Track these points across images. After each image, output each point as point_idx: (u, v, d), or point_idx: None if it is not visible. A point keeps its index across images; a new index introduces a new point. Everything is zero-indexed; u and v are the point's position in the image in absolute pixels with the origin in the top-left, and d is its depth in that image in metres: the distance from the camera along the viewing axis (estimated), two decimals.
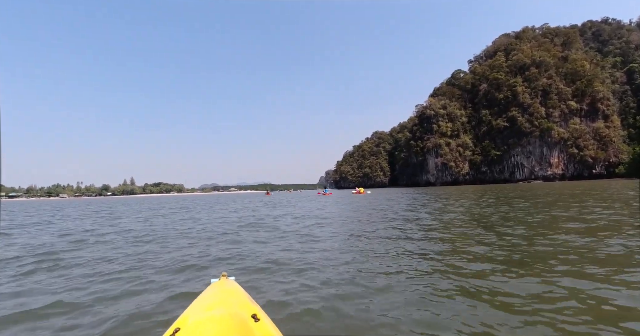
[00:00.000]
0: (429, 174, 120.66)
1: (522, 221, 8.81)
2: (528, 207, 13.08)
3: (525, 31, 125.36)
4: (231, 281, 2.39)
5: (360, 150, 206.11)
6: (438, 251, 5.58)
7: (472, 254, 5.21)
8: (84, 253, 6.57)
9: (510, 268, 4.30)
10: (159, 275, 4.69)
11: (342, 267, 4.77)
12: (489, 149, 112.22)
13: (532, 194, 22.94)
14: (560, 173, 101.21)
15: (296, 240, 7.40)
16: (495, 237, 6.60)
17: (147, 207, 29.61)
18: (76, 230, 10.89)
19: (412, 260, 5.01)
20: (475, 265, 4.58)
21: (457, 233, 7.39)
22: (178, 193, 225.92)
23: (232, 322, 1.52)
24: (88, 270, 5.11)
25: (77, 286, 4.30)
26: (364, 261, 5.12)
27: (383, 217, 11.90)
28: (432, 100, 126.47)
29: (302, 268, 4.79)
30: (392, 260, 5.07)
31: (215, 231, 9.50)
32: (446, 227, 8.35)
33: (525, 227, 7.63)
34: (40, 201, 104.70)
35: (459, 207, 14.49)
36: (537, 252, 5.16)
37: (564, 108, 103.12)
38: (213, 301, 1.91)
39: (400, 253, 5.55)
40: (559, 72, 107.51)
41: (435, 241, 6.51)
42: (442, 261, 4.85)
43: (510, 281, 3.78)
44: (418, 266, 4.63)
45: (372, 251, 5.80)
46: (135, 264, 5.43)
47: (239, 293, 2.09)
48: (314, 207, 19.78)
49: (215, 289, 2.19)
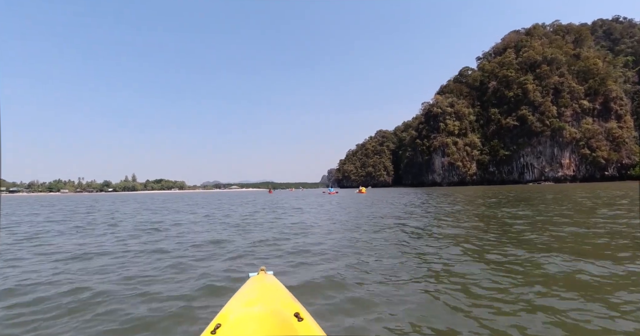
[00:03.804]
0: (435, 174, 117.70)
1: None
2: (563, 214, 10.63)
3: (535, 28, 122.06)
4: (270, 276, 2.34)
5: (363, 149, 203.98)
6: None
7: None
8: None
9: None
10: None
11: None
12: (498, 149, 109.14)
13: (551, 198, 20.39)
14: (572, 174, 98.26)
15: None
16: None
17: (185, 202, 29.49)
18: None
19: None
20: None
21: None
22: (179, 190, 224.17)
23: (274, 320, 1.48)
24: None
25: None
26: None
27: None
28: (439, 98, 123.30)
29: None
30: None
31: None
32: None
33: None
34: (43, 196, 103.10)
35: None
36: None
37: (576, 108, 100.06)
38: (253, 297, 1.90)
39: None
40: (571, 70, 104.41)
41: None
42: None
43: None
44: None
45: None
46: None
47: (279, 289, 2.04)
48: (353, 208, 17.41)
49: (254, 284, 2.14)
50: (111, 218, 13.48)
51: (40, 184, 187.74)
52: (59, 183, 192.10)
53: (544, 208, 12.54)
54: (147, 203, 30.31)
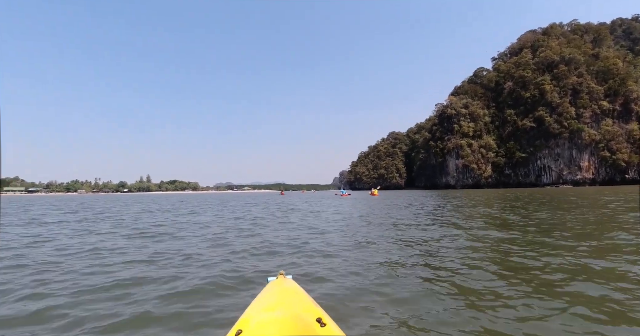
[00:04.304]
0: (448, 176, 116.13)
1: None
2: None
3: (552, 27, 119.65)
4: (290, 280, 2.29)
5: (375, 151, 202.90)
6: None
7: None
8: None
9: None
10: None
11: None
12: (514, 151, 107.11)
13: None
14: (591, 177, 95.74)
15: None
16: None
17: (208, 203, 30.00)
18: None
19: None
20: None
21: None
22: (193, 191, 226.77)
23: (296, 325, 1.44)
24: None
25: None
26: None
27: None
28: (453, 99, 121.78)
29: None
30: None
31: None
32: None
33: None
34: (63, 196, 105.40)
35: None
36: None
37: (596, 109, 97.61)
38: (274, 301, 1.86)
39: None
40: (590, 70, 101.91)
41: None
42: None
43: None
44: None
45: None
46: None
47: (299, 294, 2.00)
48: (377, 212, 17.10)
49: (274, 288, 2.10)
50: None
51: (58, 184, 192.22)
52: (76, 183, 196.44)
53: (581, 212, 12.06)
54: (182, 204, 30.39)
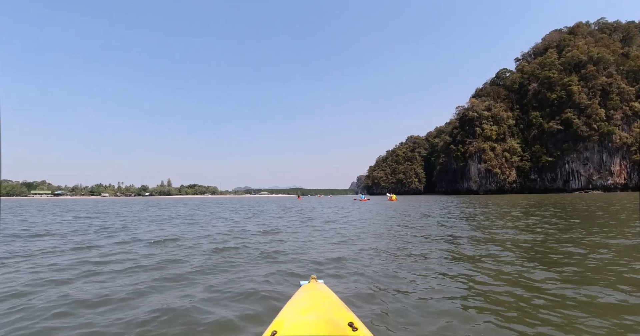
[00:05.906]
0: (470, 181, 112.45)
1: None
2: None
3: (579, 26, 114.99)
4: (321, 285, 2.38)
5: (394, 155, 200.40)
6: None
7: None
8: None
9: None
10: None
11: None
12: (540, 155, 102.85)
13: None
14: (623, 182, 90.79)
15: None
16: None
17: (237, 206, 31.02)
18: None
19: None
20: None
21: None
22: (212, 195, 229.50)
23: (328, 328, 1.50)
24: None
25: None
26: None
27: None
28: (475, 101, 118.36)
29: None
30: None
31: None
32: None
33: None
34: (86, 199, 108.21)
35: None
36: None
37: (627, 110, 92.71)
38: (307, 305, 1.93)
39: None
40: (620, 70, 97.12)
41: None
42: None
43: None
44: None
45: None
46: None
47: (331, 298, 2.06)
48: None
49: (306, 292, 2.18)
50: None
51: (83, 188, 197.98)
52: (100, 187, 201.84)
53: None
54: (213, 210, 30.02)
